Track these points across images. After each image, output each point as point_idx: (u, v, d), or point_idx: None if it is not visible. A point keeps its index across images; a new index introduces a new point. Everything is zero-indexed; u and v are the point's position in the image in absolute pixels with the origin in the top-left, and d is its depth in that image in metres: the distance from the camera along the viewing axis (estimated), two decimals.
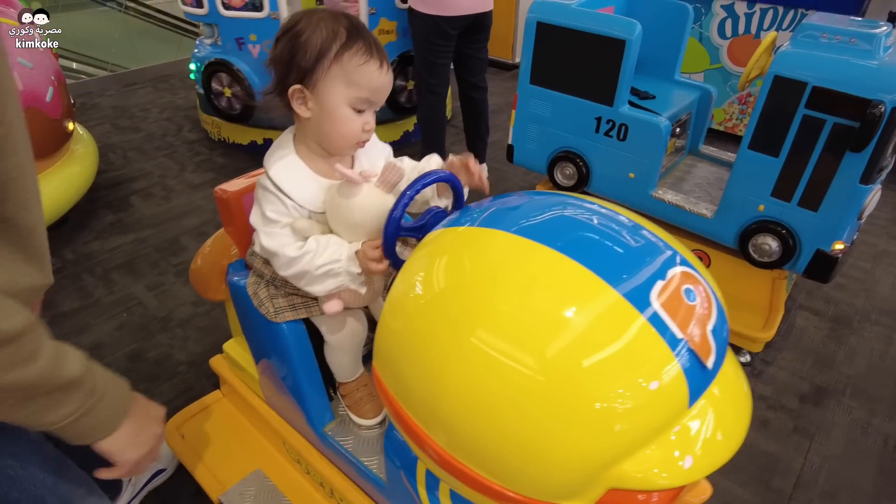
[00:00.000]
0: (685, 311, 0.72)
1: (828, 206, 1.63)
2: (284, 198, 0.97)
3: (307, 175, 0.99)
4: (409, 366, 0.81)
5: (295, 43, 0.92)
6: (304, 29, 0.92)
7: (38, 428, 0.73)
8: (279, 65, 0.95)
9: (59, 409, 0.72)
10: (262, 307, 1.10)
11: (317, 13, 0.94)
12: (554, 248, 0.77)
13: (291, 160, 0.99)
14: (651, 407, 0.69)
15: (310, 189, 0.99)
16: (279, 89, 0.96)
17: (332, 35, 0.92)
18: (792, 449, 1.69)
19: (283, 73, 0.95)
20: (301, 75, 0.93)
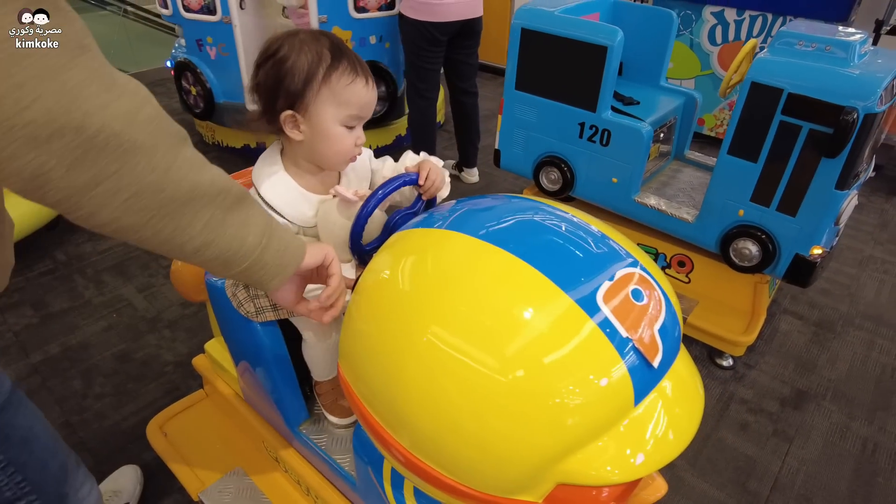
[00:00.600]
0: (632, 311, 0.74)
1: (805, 212, 1.65)
2: (275, 215, 0.97)
3: (298, 192, 1.00)
4: (370, 364, 0.83)
5: (280, 69, 0.92)
6: (288, 54, 0.92)
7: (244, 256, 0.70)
8: (265, 91, 0.94)
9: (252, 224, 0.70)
10: (241, 308, 1.11)
11: (297, 36, 0.94)
12: (513, 252, 0.79)
13: (281, 177, 0.99)
14: (598, 403, 0.71)
15: (300, 206, 1.00)
16: (268, 116, 0.95)
17: (317, 58, 0.92)
18: (770, 452, 1.71)
19: (271, 99, 0.93)
20: (291, 100, 0.93)
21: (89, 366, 1.93)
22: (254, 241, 0.70)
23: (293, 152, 1.01)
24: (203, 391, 1.64)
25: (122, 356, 1.97)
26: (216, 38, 3.00)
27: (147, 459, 1.59)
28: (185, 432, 1.53)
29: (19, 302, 2.21)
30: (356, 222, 0.95)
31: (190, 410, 1.59)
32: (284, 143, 1.02)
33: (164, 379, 1.88)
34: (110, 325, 2.11)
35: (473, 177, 3.12)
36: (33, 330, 2.08)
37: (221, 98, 3.15)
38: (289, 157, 1.02)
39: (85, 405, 1.78)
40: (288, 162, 1.02)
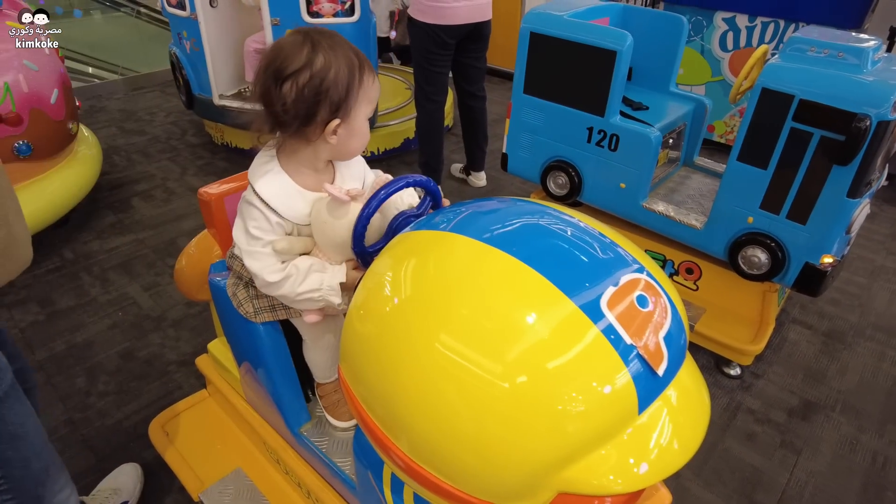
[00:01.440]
0: (637, 318, 0.73)
1: (816, 220, 1.63)
2: (270, 213, 0.97)
3: (293, 189, 0.99)
4: (370, 366, 0.83)
5: (323, 81, 0.89)
6: (327, 65, 0.90)
7: None
8: (302, 103, 0.90)
9: None
10: (240, 308, 1.11)
11: (320, 43, 0.91)
12: (516, 256, 0.78)
13: (277, 174, 0.99)
14: (600, 410, 0.70)
15: (296, 203, 0.99)
16: (307, 127, 0.93)
17: (352, 63, 0.92)
18: (777, 463, 1.68)
19: (310, 110, 0.91)
20: (335, 108, 0.92)
21: (93, 364, 1.93)
22: None
23: (298, 152, 0.99)
24: (206, 391, 1.64)
25: (126, 354, 1.97)
26: (189, 33, 3.08)
27: (148, 458, 1.59)
28: (186, 432, 1.53)
29: (26, 299, 2.22)
30: (358, 222, 0.94)
31: (192, 410, 1.58)
32: (287, 143, 0.99)
33: (167, 378, 1.88)
34: (115, 324, 2.11)
35: (481, 181, 3.11)
36: (39, 327, 2.09)
37: (197, 90, 3.23)
38: (288, 156, 1.00)
39: (88, 403, 1.79)
40: (286, 160, 1.00)
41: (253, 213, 0.97)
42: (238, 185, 1.24)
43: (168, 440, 1.51)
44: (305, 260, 1.00)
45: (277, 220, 0.98)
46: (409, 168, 3.22)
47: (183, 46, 3.20)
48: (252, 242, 0.98)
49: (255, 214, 0.97)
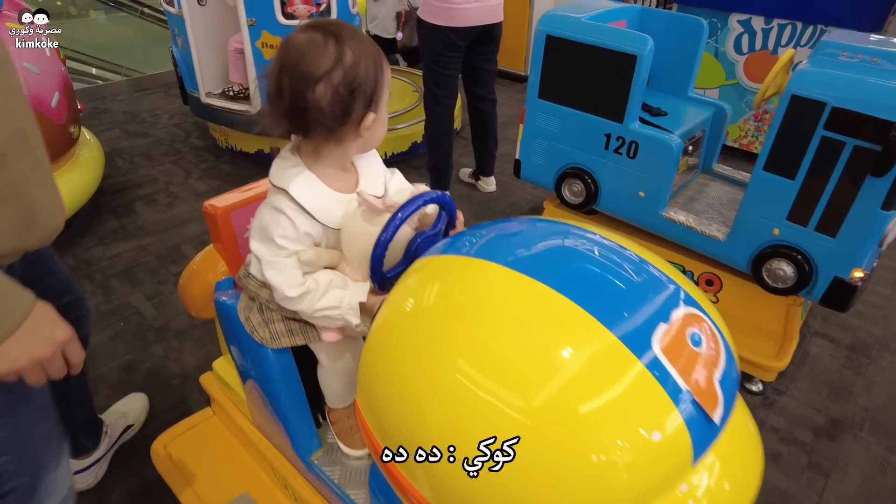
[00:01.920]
0: (689, 357, 0.67)
1: (847, 233, 1.56)
2: (301, 220, 0.91)
3: (325, 192, 0.94)
4: (389, 402, 0.77)
5: (356, 76, 0.86)
6: (357, 58, 0.86)
7: None
8: (339, 103, 0.86)
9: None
10: (254, 333, 1.04)
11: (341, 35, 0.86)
12: (548, 284, 0.72)
13: (308, 177, 0.93)
14: (652, 460, 0.63)
15: (330, 206, 0.94)
16: (343, 127, 0.89)
17: (374, 53, 0.89)
18: (805, 486, 1.61)
19: (346, 108, 0.87)
20: (368, 102, 0.89)
21: (95, 376, 1.87)
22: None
23: (325, 153, 0.93)
24: (210, 409, 1.58)
25: (128, 367, 1.91)
26: (180, 31, 3.07)
27: (150, 479, 1.53)
28: (190, 453, 1.46)
29: None
30: (376, 248, 0.87)
31: (196, 430, 1.52)
32: (308, 145, 0.93)
33: (170, 392, 1.82)
34: (117, 334, 2.05)
35: (490, 186, 3.05)
36: None
37: (189, 87, 3.23)
38: (312, 158, 0.94)
39: None
40: (311, 162, 0.94)
41: (280, 220, 0.91)
42: (246, 198, 1.17)
43: (171, 461, 1.45)
44: (326, 274, 0.94)
45: (306, 230, 0.92)
46: (416, 172, 3.15)
47: (176, 43, 3.23)
48: (276, 252, 0.92)
49: (282, 222, 0.91)
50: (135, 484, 1.52)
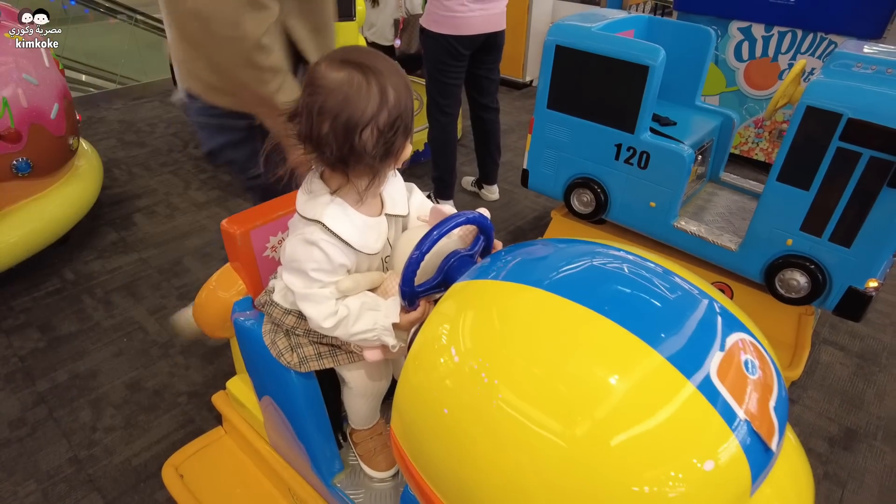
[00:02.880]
0: (742, 382, 0.65)
1: (861, 243, 1.56)
2: (336, 252, 0.89)
3: (358, 218, 0.92)
4: (429, 427, 0.74)
5: (402, 113, 0.84)
6: (399, 94, 0.83)
7: None
8: (384, 144, 0.84)
9: None
10: (281, 358, 1.01)
11: (381, 73, 0.83)
12: (587, 305, 0.71)
13: (340, 206, 0.90)
14: (707, 492, 0.61)
15: (366, 232, 0.92)
16: (384, 162, 0.87)
17: (406, 80, 0.86)
18: (823, 498, 1.60)
19: (389, 148, 0.85)
20: (407, 133, 0.87)
21: (98, 395, 1.83)
22: None
23: (357, 182, 0.89)
24: (222, 429, 1.54)
25: (132, 385, 1.87)
26: None
27: (161, 501, 1.49)
28: (203, 474, 1.43)
29: (25, 324, 2.12)
30: (409, 265, 0.85)
31: (208, 450, 1.49)
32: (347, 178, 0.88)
33: (177, 410, 1.78)
34: (120, 351, 2.01)
35: (493, 194, 3.04)
36: (40, 355, 1.98)
37: None
38: (341, 186, 0.90)
39: (94, 439, 1.68)
40: (341, 191, 0.91)
41: (314, 254, 0.88)
42: (265, 217, 1.15)
43: (183, 483, 1.42)
44: (357, 299, 0.92)
45: (341, 262, 0.89)
46: (420, 182, 3.12)
47: None
48: (311, 285, 0.90)
49: (316, 255, 0.88)
50: None
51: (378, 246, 0.94)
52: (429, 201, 1.09)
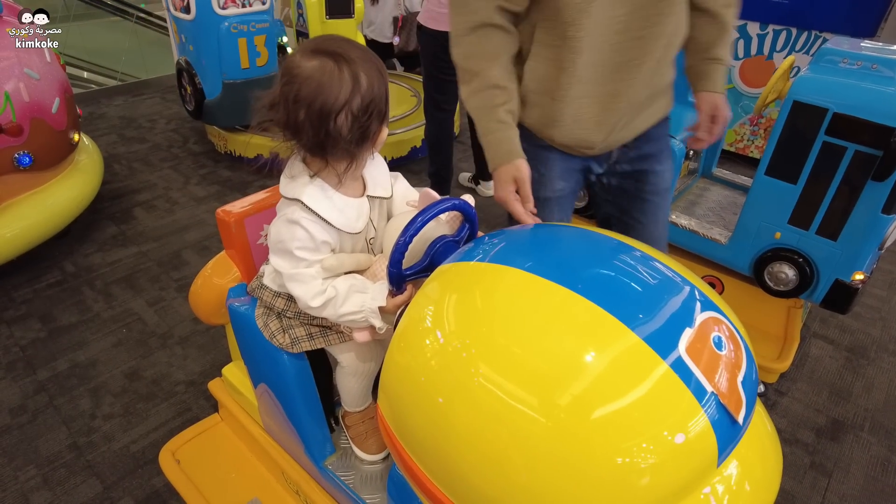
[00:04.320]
0: (713, 359, 0.68)
1: (847, 236, 1.58)
2: (318, 230, 0.92)
3: (338, 198, 0.95)
4: (414, 405, 0.77)
5: (374, 97, 0.87)
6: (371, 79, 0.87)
7: None
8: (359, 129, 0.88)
9: None
10: (274, 339, 1.05)
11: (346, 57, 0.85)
12: (567, 286, 0.73)
13: (319, 186, 0.93)
14: (676, 463, 0.64)
15: (344, 210, 0.95)
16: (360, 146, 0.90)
17: (379, 66, 0.89)
18: (809, 487, 1.63)
19: (365, 132, 0.89)
20: (382, 117, 0.91)
21: (98, 384, 1.86)
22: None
23: (337, 166, 0.93)
24: (218, 415, 1.57)
25: (131, 374, 1.90)
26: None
27: (158, 486, 1.52)
28: (198, 459, 1.46)
29: (26, 314, 2.15)
30: (396, 249, 0.88)
31: (204, 436, 1.52)
32: (326, 162, 0.92)
33: (175, 399, 1.81)
34: (119, 341, 2.04)
35: (490, 190, 3.06)
36: (40, 344, 2.02)
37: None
38: (323, 170, 0.94)
39: (93, 426, 1.72)
40: (320, 171, 0.94)
41: (296, 232, 0.91)
42: (259, 204, 1.18)
43: (179, 468, 1.45)
44: (345, 280, 0.95)
45: (323, 239, 0.93)
46: (416, 177, 3.16)
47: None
48: (296, 265, 0.93)
49: (298, 234, 0.91)
50: (143, 491, 1.52)
51: (359, 225, 0.97)
52: (414, 189, 1.12)
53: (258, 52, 3.01)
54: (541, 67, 1.10)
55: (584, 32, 1.01)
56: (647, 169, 1.27)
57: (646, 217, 1.31)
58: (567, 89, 1.08)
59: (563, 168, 1.23)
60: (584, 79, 1.06)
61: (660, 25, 1.03)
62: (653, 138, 1.25)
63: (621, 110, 1.11)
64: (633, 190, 1.29)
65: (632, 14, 1.00)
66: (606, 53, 1.04)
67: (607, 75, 1.06)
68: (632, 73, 1.06)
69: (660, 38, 1.04)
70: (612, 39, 1.03)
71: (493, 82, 1.08)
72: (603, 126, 1.13)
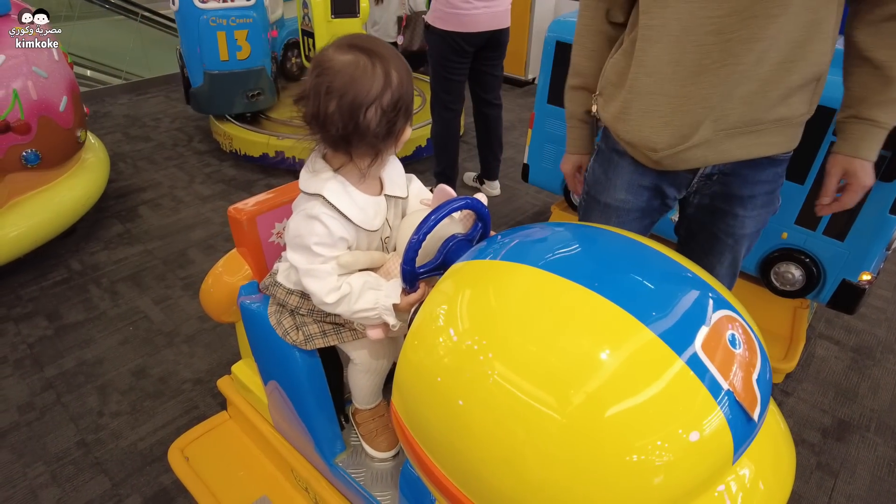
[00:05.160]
0: (728, 357, 0.68)
1: (855, 236, 1.59)
2: (336, 226, 0.92)
3: (358, 195, 0.96)
4: (428, 403, 0.77)
5: (403, 94, 0.88)
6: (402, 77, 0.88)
7: None
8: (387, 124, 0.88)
9: None
10: (287, 336, 1.05)
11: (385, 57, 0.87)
12: (581, 283, 0.73)
13: (340, 182, 0.94)
14: (691, 461, 0.64)
15: (363, 207, 0.96)
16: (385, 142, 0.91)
17: (407, 65, 0.90)
18: (815, 487, 1.63)
19: (391, 128, 0.90)
20: (408, 115, 0.92)
21: (105, 381, 1.87)
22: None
23: (359, 162, 0.93)
24: (226, 413, 1.58)
25: (138, 372, 1.91)
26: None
27: (166, 483, 1.53)
28: (207, 457, 1.47)
29: (33, 312, 2.16)
30: (409, 248, 0.89)
31: (212, 433, 1.52)
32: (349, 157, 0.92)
33: (182, 397, 1.82)
34: (126, 339, 2.05)
35: (495, 190, 3.07)
36: (47, 342, 2.02)
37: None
38: (344, 166, 0.95)
39: (101, 423, 1.72)
40: (343, 170, 0.95)
41: (315, 227, 0.92)
42: (269, 203, 1.18)
43: (188, 465, 1.45)
44: (360, 277, 0.96)
45: (341, 235, 0.93)
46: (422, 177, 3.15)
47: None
48: (313, 260, 0.93)
49: (317, 229, 0.92)
50: (150, 488, 1.52)
51: (377, 223, 0.98)
52: (427, 190, 1.13)
53: (239, 46, 3.08)
54: (621, 59, 1.05)
55: (657, 21, 0.93)
56: (727, 209, 1.12)
57: (711, 253, 1.18)
58: (635, 79, 0.99)
59: (631, 180, 1.14)
60: (658, 73, 0.96)
61: (751, 28, 0.88)
62: (749, 181, 1.08)
63: (698, 120, 0.97)
64: (707, 222, 1.16)
65: (728, 16, 0.89)
66: (689, 53, 0.93)
67: (687, 77, 0.95)
68: (716, 79, 0.93)
69: (751, 42, 0.89)
70: (701, 39, 0.91)
71: (582, 84, 1.19)
72: (671, 129, 0.99)
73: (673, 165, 1.06)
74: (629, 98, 1.02)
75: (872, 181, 1.06)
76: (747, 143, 1.01)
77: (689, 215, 1.20)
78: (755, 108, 0.97)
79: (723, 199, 1.11)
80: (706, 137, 0.99)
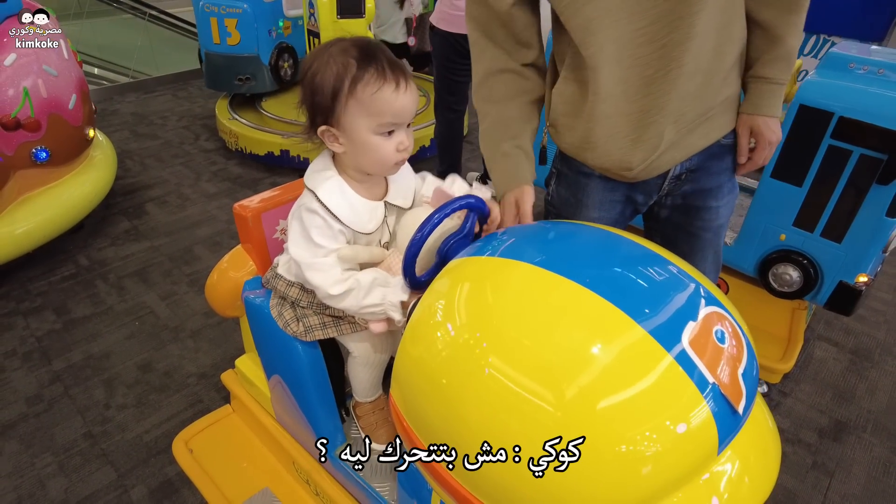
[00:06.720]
0: (715, 352, 0.70)
1: (852, 238, 1.60)
2: (332, 220, 0.96)
3: (354, 198, 0.99)
4: (426, 395, 0.80)
5: (312, 86, 0.93)
6: (316, 70, 0.93)
7: None
8: (306, 108, 0.97)
9: None
10: (287, 328, 1.08)
11: (328, 49, 0.93)
12: (576, 281, 0.76)
13: (338, 182, 0.99)
14: (678, 452, 0.67)
15: (359, 211, 0.99)
16: (310, 131, 0.98)
17: (342, 69, 0.91)
18: (811, 486, 1.65)
19: (311, 115, 0.97)
20: (325, 115, 0.94)
21: (111, 375, 1.90)
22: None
23: (341, 161, 1.01)
24: (230, 406, 1.61)
25: (144, 366, 1.94)
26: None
27: (170, 475, 1.56)
28: (211, 449, 1.50)
29: (42, 306, 2.19)
30: (409, 249, 0.91)
31: (216, 426, 1.55)
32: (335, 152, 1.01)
33: (187, 391, 1.85)
34: (132, 334, 2.08)
35: None
36: (55, 336, 2.06)
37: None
38: (340, 164, 1.01)
39: (107, 416, 1.75)
40: (340, 168, 1.01)
41: (315, 220, 0.96)
42: (274, 201, 1.21)
43: (192, 457, 1.48)
44: (368, 273, 0.99)
45: (340, 228, 0.97)
46: None
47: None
48: (315, 252, 0.96)
49: (317, 222, 0.96)
50: (155, 479, 1.55)
51: (370, 227, 1.01)
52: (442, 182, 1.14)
53: (229, 33, 3.30)
54: (567, 89, 1.03)
55: (595, 49, 0.93)
56: (700, 205, 1.15)
57: (693, 252, 1.21)
58: (593, 107, 0.99)
59: (603, 198, 1.14)
60: (611, 97, 0.97)
61: (682, 30, 0.91)
62: (713, 171, 1.12)
63: (661, 128, 0.99)
64: (683, 223, 1.19)
65: (654, 24, 0.91)
66: (632, 68, 0.94)
67: (638, 91, 0.96)
68: (665, 85, 0.95)
69: (685, 42, 0.92)
70: (637, 53, 0.93)
71: (502, 120, 1.07)
72: (641, 145, 1.01)
73: (647, 175, 1.08)
74: (590, 127, 1.01)
75: (778, 137, 1.11)
76: (705, 130, 1.05)
77: (664, 219, 1.21)
78: (706, 98, 1.01)
79: (695, 195, 1.14)
80: (672, 140, 1.02)
